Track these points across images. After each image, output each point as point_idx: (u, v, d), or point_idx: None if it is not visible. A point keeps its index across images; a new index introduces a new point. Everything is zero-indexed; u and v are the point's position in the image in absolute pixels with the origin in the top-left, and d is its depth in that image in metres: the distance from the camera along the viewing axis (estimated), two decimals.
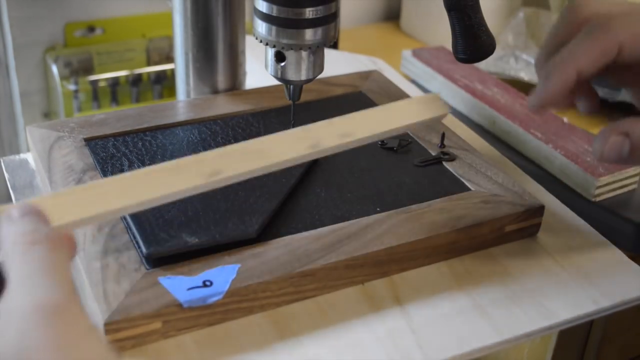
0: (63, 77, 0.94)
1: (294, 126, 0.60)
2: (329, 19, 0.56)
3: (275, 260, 0.49)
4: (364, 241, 0.51)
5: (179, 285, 0.46)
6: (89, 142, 0.61)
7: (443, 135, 0.62)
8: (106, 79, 0.95)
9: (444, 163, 0.61)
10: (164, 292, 0.46)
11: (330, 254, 0.49)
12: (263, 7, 0.55)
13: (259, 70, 0.77)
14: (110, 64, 0.97)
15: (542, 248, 0.56)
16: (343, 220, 0.53)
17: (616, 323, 0.72)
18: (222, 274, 0.47)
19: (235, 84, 0.71)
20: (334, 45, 0.98)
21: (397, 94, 0.70)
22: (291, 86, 0.58)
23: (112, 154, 0.59)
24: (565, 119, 0.75)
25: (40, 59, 0.95)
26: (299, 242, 0.51)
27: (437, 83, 0.85)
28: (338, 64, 0.86)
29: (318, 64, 0.58)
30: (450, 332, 0.48)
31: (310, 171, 0.59)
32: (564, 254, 0.56)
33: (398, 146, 0.62)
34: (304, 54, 0.56)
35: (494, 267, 0.54)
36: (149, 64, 0.99)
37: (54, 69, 0.93)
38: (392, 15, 1.21)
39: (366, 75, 0.73)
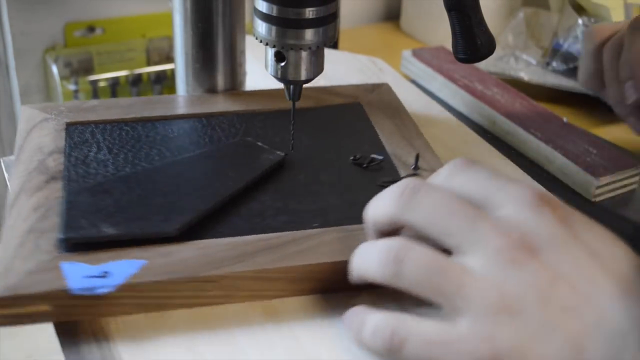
0: (63, 77, 0.94)
1: (293, 127, 0.60)
2: (329, 19, 0.56)
3: (183, 261, 0.48)
4: (282, 255, 0.49)
5: (78, 272, 0.46)
6: (70, 126, 0.62)
7: (417, 157, 0.59)
8: (106, 79, 0.95)
9: None
10: (60, 277, 0.46)
11: (240, 263, 0.48)
12: (263, 7, 0.54)
13: (259, 70, 0.77)
14: (110, 64, 0.97)
15: None
16: (274, 231, 0.51)
17: None
18: (124, 268, 0.47)
19: (235, 84, 0.71)
20: (334, 45, 0.98)
21: (395, 111, 0.68)
22: (291, 86, 0.59)
23: (85, 139, 0.61)
24: (565, 119, 0.75)
25: (40, 59, 0.95)
26: (216, 247, 0.49)
27: (437, 83, 0.85)
28: (338, 64, 0.86)
29: (318, 64, 0.58)
30: None
31: (267, 179, 0.57)
32: None
33: (368, 163, 0.59)
34: (304, 54, 0.56)
35: None
36: (149, 64, 0.99)
37: (54, 69, 0.93)
38: (392, 15, 1.21)
39: (373, 88, 0.71)
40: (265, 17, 0.55)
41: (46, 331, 0.48)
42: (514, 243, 0.39)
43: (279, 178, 0.57)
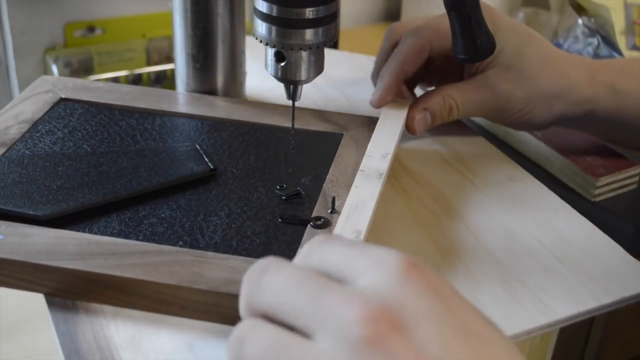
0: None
1: (293, 127, 0.60)
2: (329, 19, 0.56)
3: (32, 246, 0.49)
4: (117, 263, 0.48)
5: None
6: (62, 102, 0.66)
7: (333, 199, 0.54)
8: (106, 79, 0.95)
9: (311, 227, 0.53)
10: None
11: (75, 261, 0.48)
12: (263, 7, 0.54)
13: (259, 70, 0.77)
14: (110, 64, 0.97)
15: (542, 244, 0.56)
16: (140, 240, 0.51)
17: (617, 322, 0.72)
18: None
19: (235, 84, 0.71)
20: (334, 45, 0.98)
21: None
22: (291, 86, 0.58)
23: (63, 116, 0.64)
24: None
25: (40, 59, 0.95)
26: (71, 240, 0.50)
27: None
28: (338, 64, 0.86)
29: (318, 64, 0.58)
30: None
31: (181, 188, 0.57)
32: (565, 251, 0.56)
33: (289, 195, 0.57)
34: (304, 54, 0.56)
35: (493, 264, 0.54)
36: (149, 64, 0.99)
37: (54, 69, 0.93)
38: (392, 15, 1.21)
39: (369, 121, 0.66)
40: (266, 17, 0.55)
41: (46, 331, 0.48)
42: (371, 317, 0.32)
43: (194, 190, 0.57)
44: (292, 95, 0.59)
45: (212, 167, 0.58)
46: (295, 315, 0.33)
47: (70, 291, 0.48)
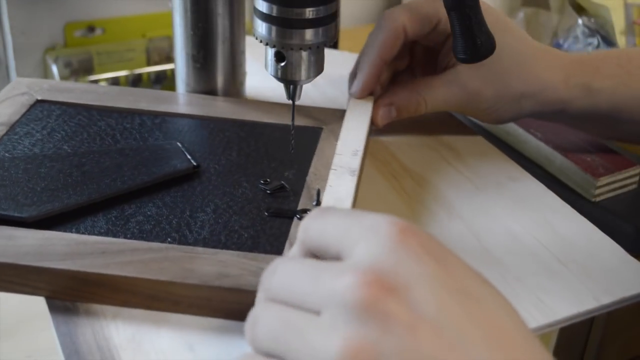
0: (63, 77, 0.94)
1: (293, 127, 0.60)
2: (329, 19, 0.56)
3: (19, 248, 0.49)
4: (108, 261, 0.48)
5: None
6: (39, 103, 0.66)
7: (318, 192, 0.55)
8: (106, 79, 0.95)
9: (298, 220, 0.53)
10: None
11: (65, 261, 0.48)
12: (263, 7, 0.54)
13: (259, 70, 0.77)
14: (110, 64, 0.97)
15: (542, 245, 0.56)
16: (128, 238, 0.51)
17: (617, 322, 0.72)
18: None
19: (235, 84, 0.71)
20: (334, 45, 0.98)
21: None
22: (291, 86, 0.58)
23: (40, 118, 0.64)
24: None
25: (40, 59, 0.95)
26: (59, 241, 0.50)
27: None
28: (338, 64, 0.86)
29: (318, 64, 0.58)
30: None
31: (166, 186, 0.57)
32: (565, 251, 0.56)
33: (274, 189, 0.57)
34: (304, 54, 0.56)
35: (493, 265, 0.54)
36: (149, 64, 0.99)
37: (54, 69, 0.93)
38: None
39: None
40: (266, 17, 0.55)
41: (46, 331, 0.48)
42: (364, 281, 0.33)
43: (178, 187, 0.57)
44: (292, 95, 0.59)
45: (195, 164, 0.58)
46: (303, 301, 0.35)
47: (60, 292, 0.48)
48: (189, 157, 0.59)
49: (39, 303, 0.49)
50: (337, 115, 0.66)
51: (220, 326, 0.47)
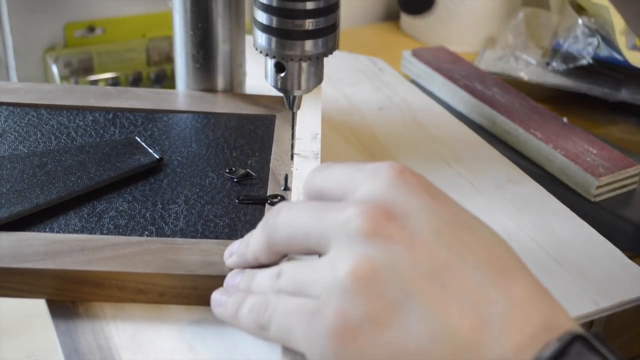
0: (63, 77, 0.94)
1: (293, 137, 0.60)
2: (329, 30, 0.55)
3: None
4: (90, 258, 0.48)
5: None
6: None
7: (286, 177, 0.57)
8: (106, 79, 0.95)
9: (270, 205, 0.55)
10: None
11: (46, 260, 0.48)
12: (263, 18, 0.54)
13: (259, 70, 0.77)
14: (110, 64, 0.97)
15: (541, 247, 0.56)
16: (105, 234, 0.51)
17: (616, 325, 0.72)
18: None
19: (235, 84, 0.71)
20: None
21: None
22: (291, 96, 0.59)
23: None
24: (565, 119, 0.75)
25: (40, 59, 0.95)
26: (35, 241, 0.50)
27: (437, 83, 0.85)
28: (338, 64, 0.86)
29: (318, 75, 0.58)
30: None
31: (133, 180, 0.57)
32: (564, 254, 0.56)
33: (240, 178, 0.58)
34: (303, 65, 0.56)
35: None
36: (149, 64, 0.99)
37: (54, 69, 0.93)
38: (392, 15, 1.21)
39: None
40: (265, 29, 0.55)
41: (46, 331, 0.48)
42: (366, 211, 0.36)
43: (145, 181, 0.57)
44: (292, 105, 0.59)
45: (158, 157, 0.59)
46: (308, 238, 0.38)
47: (42, 292, 0.48)
48: (150, 150, 0.59)
49: (38, 303, 0.49)
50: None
51: (221, 326, 0.47)
